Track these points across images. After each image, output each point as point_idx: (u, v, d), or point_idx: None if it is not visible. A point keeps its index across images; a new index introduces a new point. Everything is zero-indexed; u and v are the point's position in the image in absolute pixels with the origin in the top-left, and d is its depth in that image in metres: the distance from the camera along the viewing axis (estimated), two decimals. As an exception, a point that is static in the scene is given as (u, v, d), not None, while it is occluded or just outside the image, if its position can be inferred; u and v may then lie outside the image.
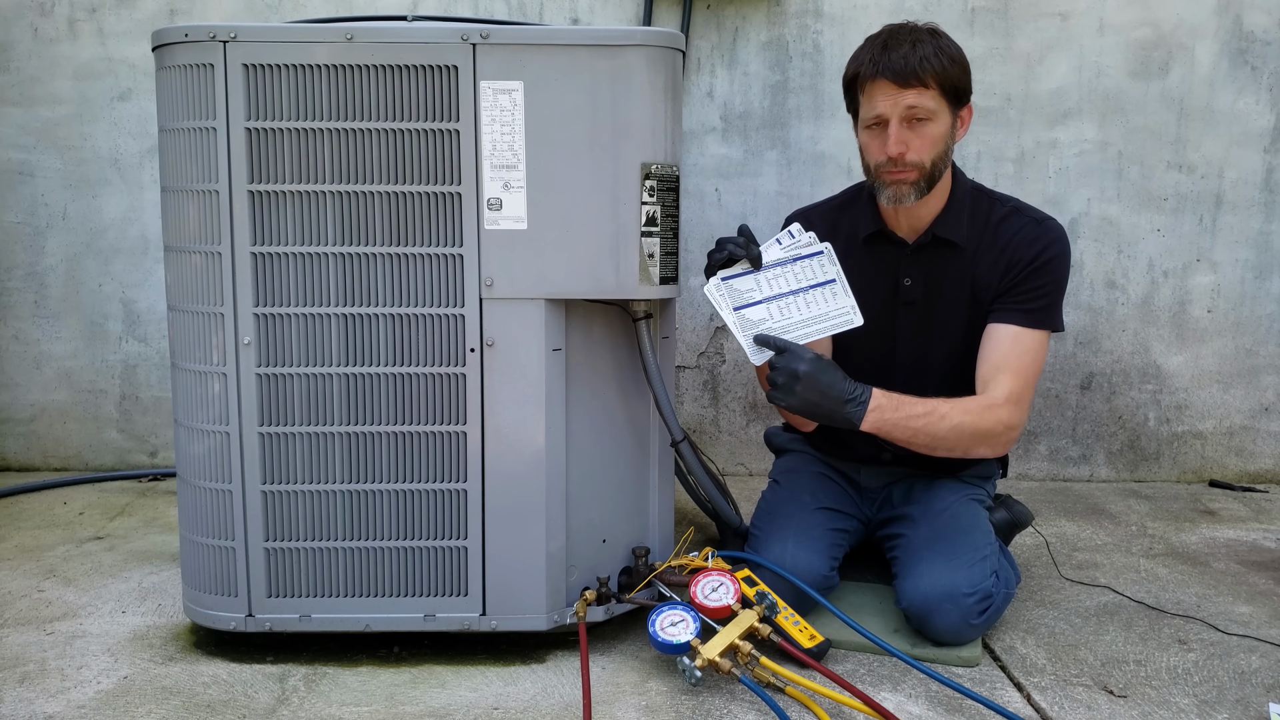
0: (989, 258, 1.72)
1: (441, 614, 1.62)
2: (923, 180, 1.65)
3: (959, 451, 1.67)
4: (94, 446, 2.80)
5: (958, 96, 1.64)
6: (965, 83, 1.65)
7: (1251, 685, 1.56)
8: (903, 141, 1.62)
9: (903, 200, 1.67)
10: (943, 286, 1.75)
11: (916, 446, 1.65)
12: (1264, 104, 2.66)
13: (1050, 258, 1.70)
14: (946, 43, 1.64)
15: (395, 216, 1.53)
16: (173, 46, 1.51)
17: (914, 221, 1.75)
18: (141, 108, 2.66)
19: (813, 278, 1.65)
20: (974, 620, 1.63)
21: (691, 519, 2.32)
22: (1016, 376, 1.67)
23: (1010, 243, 1.72)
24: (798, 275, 1.65)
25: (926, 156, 1.63)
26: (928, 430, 1.62)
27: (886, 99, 1.61)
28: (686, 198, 2.69)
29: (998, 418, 1.65)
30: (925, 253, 1.75)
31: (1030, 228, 1.72)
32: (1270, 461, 2.81)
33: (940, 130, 1.63)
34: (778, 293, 1.65)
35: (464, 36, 1.49)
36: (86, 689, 1.52)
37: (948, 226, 1.73)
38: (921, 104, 1.60)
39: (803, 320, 1.64)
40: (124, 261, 2.73)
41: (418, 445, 1.58)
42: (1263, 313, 2.75)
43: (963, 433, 1.63)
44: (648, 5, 2.60)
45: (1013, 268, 1.70)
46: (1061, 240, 1.72)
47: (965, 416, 1.63)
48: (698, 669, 1.45)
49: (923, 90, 1.60)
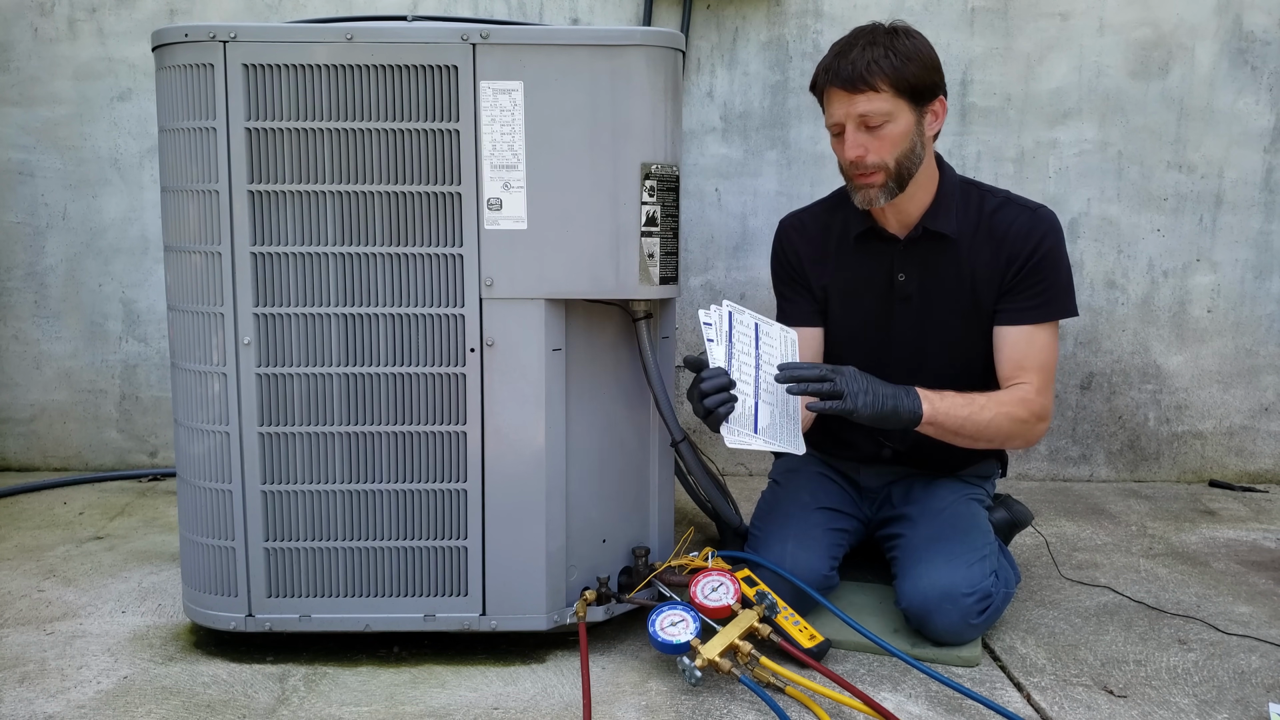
0: (987, 250, 1.73)
1: (441, 614, 1.62)
2: (890, 181, 1.65)
3: (997, 442, 1.70)
4: (94, 446, 2.80)
5: (916, 94, 1.62)
6: (925, 79, 1.62)
7: (1251, 685, 1.56)
8: (860, 145, 1.62)
9: (874, 202, 1.67)
10: (937, 280, 1.76)
11: (961, 437, 1.65)
12: (1264, 104, 2.66)
13: (1048, 248, 1.71)
14: (904, 42, 1.62)
15: (395, 216, 1.53)
16: (173, 46, 1.51)
17: (903, 217, 1.75)
18: (141, 108, 2.66)
19: (752, 337, 1.63)
20: (973, 620, 1.63)
21: (691, 519, 2.32)
22: (1039, 372, 1.70)
23: (1007, 234, 1.72)
24: (743, 349, 1.61)
25: (888, 157, 1.63)
26: (973, 420, 1.63)
27: (840, 106, 1.63)
28: (686, 198, 2.69)
29: (1031, 409, 1.68)
30: (918, 247, 1.75)
31: (1025, 218, 1.73)
32: (1270, 461, 2.81)
33: (900, 130, 1.62)
34: (753, 380, 1.60)
35: (464, 36, 1.49)
36: (86, 689, 1.52)
37: (937, 219, 1.73)
38: (873, 109, 1.60)
39: (774, 364, 1.62)
40: (124, 261, 2.73)
41: (418, 445, 1.58)
42: (1263, 313, 2.75)
43: (1003, 424, 1.66)
44: (648, 5, 2.60)
45: (1014, 262, 1.71)
46: (1056, 228, 1.73)
47: (1003, 408, 1.66)
48: (698, 669, 1.45)
49: (873, 94, 1.60)
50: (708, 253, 2.74)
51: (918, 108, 1.64)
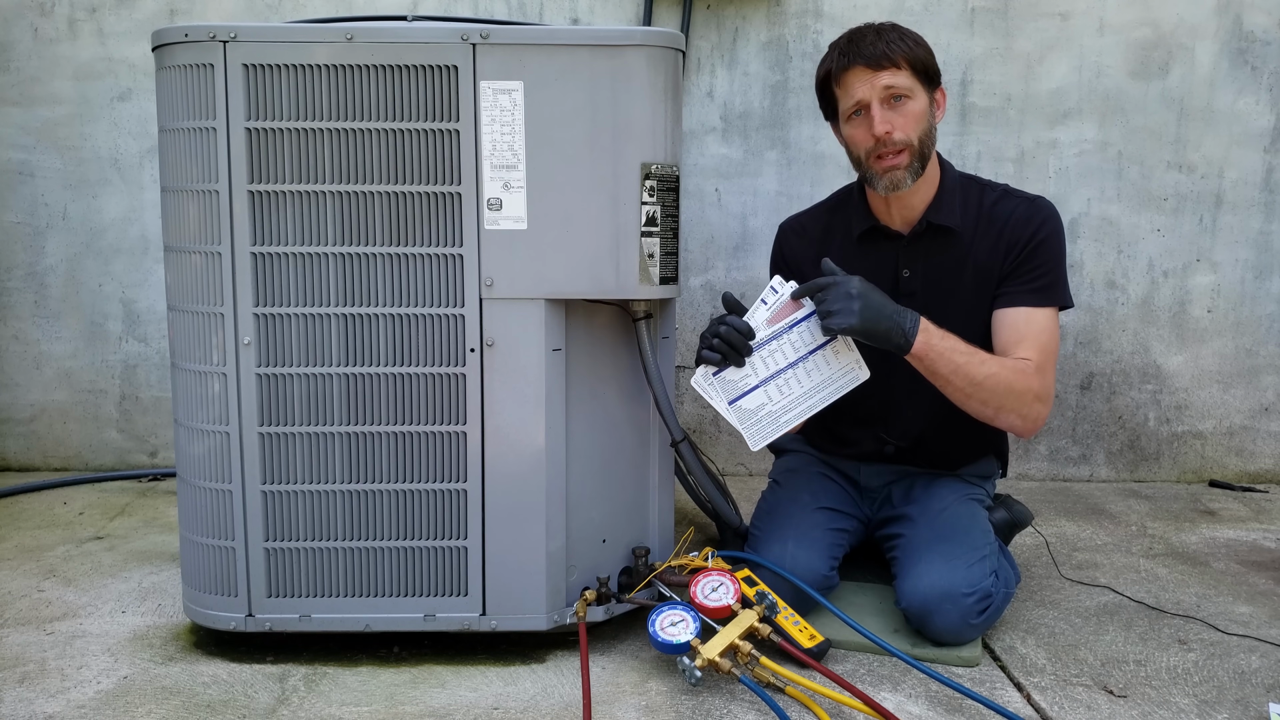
0: (987, 241, 1.74)
1: (441, 614, 1.62)
2: (915, 160, 1.66)
3: (990, 408, 1.64)
4: (94, 446, 2.80)
5: (929, 76, 1.68)
6: (933, 64, 1.69)
7: (1251, 685, 1.56)
8: (887, 120, 1.64)
9: (900, 185, 1.67)
10: (942, 274, 1.76)
11: (953, 389, 1.62)
12: (1264, 104, 2.66)
13: (1046, 234, 1.72)
14: (908, 31, 1.69)
15: (395, 216, 1.53)
16: (173, 46, 1.51)
17: (906, 212, 1.75)
18: (141, 108, 2.66)
19: (810, 343, 1.60)
20: (973, 620, 1.63)
21: (691, 519, 2.32)
22: (1038, 350, 1.67)
23: (1007, 224, 1.73)
24: (794, 345, 1.59)
25: (913, 133, 1.65)
26: (967, 371, 1.60)
27: (863, 84, 1.65)
28: (686, 198, 2.69)
29: (1029, 384, 1.64)
30: (922, 242, 1.76)
31: (1024, 207, 1.74)
32: (1270, 461, 2.81)
33: (920, 108, 1.66)
34: (774, 371, 1.59)
35: (464, 36, 1.49)
36: (86, 689, 1.52)
37: (941, 213, 1.73)
38: (898, 83, 1.64)
39: (805, 393, 1.60)
40: (124, 261, 2.73)
41: (418, 445, 1.58)
42: (1263, 313, 2.75)
43: (998, 384, 1.61)
44: (648, 5, 2.60)
45: (1013, 248, 1.72)
46: (1055, 217, 1.74)
47: (1003, 369, 1.63)
48: (698, 669, 1.45)
49: (896, 70, 1.64)
50: (708, 253, 2.74)
51: (929, 91, 1.69)
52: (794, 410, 1.62)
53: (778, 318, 1.60)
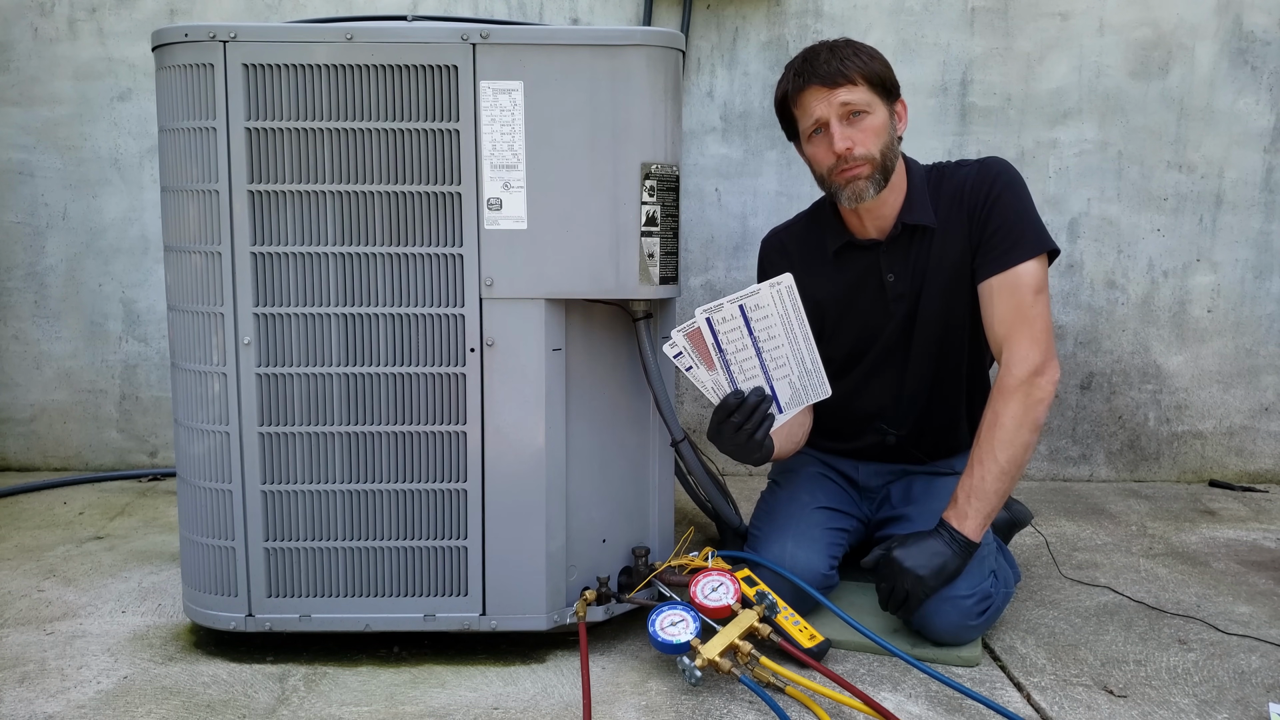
0: (954, 219, 1.72)
1: (441, 614, 1.62)
2: (877, 173, 1.66)
3: (1032, 437, 1.63)
4: (94, 446, 2.81)
5: (887, 90, 1.67)
6: (890, 76, 1.68)
7: (1251, 685, 1.56)
8: (847, 137, 1.64)
9: (863, 196, 1.66)
10: (926, 271, 1.75)
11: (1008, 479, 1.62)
12: (1264, 104, 2.66)
13: (1001, 189, 1.69)
14: (863, 46, 1.68)
15: (395, 216, 1.53)
16: (173, 46, 1.51)
17: (880, 221, 1.75)
18: (141, 108, 2.66)
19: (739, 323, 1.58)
20: (973, 620, 1.63)
21: (691, 519, 2.32)
22: (1028, 336, 1.64)
23: (963, 194, 1.71)
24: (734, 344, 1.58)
25: (874, 148, 1.64)
26: (1005, 484, 1.62)
27: (820, 103, 1.64)
28: (686, 198, 2.69)
29: (1030, 410, 1.62)
30: (899, 245, 1.75)
31: (974, 171, 1.72)
32: (1270, 461, 2.81)
33: (879, 122, 1.65)
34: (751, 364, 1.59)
35: (464, 36, 1.49)
36: (86, 689, 1.52)
37: (914, 212, 1.73)
38: (855, 99, 1.63)
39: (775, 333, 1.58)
40: (124, 261, 2.73)
41: (418, 445, 1.58)
42: (1263, 313, 2.75)
43: (1020, 430, 1.61)
44: (648, 5, 2.60)
45: (975, 214, 1.70)
46: (1006, 170, 1.71)
47: (1010, 432, 1.61)
48: (698, 669, 1.45)
49: (853, 87, 1.63)
50: (708, 253, 2.75)
51: (889, 104, 1.68)
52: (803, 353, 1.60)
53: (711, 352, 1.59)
